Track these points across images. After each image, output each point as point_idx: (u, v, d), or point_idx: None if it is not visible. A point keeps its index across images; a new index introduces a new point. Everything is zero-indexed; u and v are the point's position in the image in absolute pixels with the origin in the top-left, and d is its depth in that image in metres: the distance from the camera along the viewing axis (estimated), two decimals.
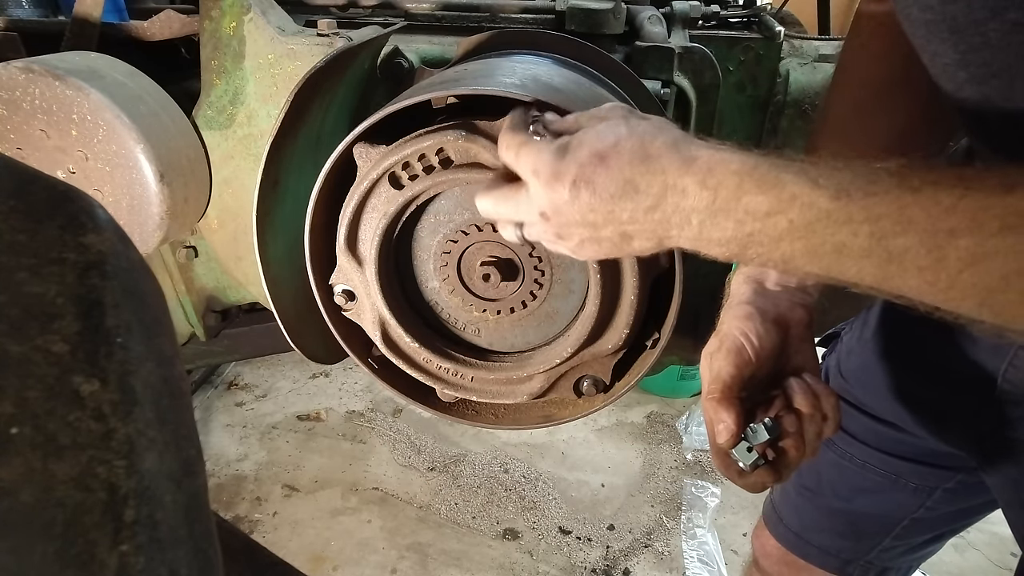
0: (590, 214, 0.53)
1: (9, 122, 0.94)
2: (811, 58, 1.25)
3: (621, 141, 0.52)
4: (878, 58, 0.73)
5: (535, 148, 0.56)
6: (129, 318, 0.32)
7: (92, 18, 1.04)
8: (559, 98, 0.76)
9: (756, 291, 0.74)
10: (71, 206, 0.32)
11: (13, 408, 0.27)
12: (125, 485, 0.29)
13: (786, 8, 1.46)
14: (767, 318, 0.72)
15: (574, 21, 1.14)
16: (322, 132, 0.96)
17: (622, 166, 0.51)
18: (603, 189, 0.52)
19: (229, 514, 2.12)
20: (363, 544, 2.05)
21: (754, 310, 0.72)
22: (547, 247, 0.60)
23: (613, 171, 0.51)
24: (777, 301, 0.74)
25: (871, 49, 0.74)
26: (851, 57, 0.77)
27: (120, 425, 0.30)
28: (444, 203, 0.83)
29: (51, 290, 0.30)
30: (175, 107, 1.06)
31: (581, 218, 0.54)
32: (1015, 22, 0.41)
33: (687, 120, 1.20)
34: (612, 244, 0.56)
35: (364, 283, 0.85)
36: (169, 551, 0.30)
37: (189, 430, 0.35)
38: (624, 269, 0.80)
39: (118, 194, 0.99)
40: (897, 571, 1.08)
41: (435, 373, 0.90)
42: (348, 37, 1.00)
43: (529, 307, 0.86)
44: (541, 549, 2.04)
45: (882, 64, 0.72)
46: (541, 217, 0.56)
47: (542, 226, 0.57)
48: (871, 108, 0.73)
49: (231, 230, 1.16)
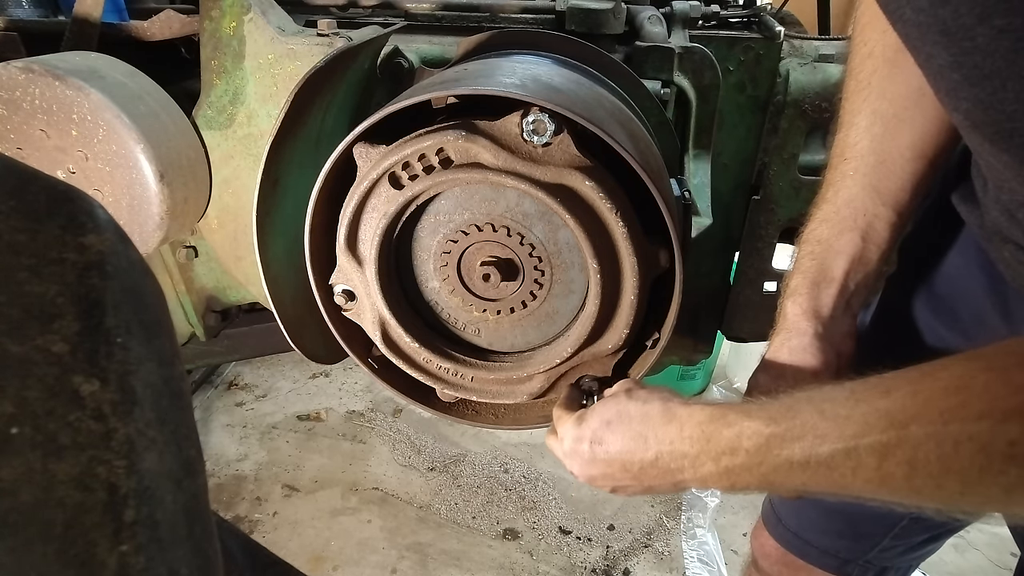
0: (607, 468, 0.67)
1: (9, 122, 0.94)
2: (811, 58, 1.25)
3: (622, 409, 0.67)
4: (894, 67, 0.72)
5: (565, 422, 0.74)
6: (129, 318, 0.32)
7: (92, 18, 1.04)
8: (559, 98, 0.76)
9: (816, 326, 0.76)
10: (71, 206, 0.32)
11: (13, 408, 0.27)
12: (125, 485, 0.29)
13: (786, 8, 1.46)
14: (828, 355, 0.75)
15: (574, 21, 1.14)
16: (322, 132, 0.96)
17: (623, 429, 0.66)
18: (611, 447, 0.66)
19: (229, 514, 2.12)
20: (363, 544, 2.05)
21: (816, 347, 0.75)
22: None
23: (616, 433, 0.66)
24: (832, 333, 0.76)
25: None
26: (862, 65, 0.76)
27: (120, 425, 0.30)
28: (444, 203, 0.83)
29: (51, 290, 0.30)
30: (175, 107, 1.06)
31: (600, 472, 0.68)
32: (1001, 28, 0.42)
33: (687, 120, 1.20)
34: (636, 490, 0.69)
35: (364, 283, 0.85)
36: (169, 551, 0.30)
37: (189, 430, 0.35)
38: (624, 269, 0.80)
39: (118, 194, 0.99)
40: (896, 571, 1.07)
41: (435, 373, 0.90)
42: (348, 37, 1.00)
43: (529, 307, 0.86)
44: (541, 549, 2.04)
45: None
46: (578, 471, 0.71)
47: (582, 477, 0.71)
48: (893, 121, 0.73)
49: (231, 230, 1.16)
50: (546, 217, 0.81)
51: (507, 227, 0.81)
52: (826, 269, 0.76)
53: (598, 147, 0.77)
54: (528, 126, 0.74)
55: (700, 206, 1.15)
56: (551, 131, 0.74)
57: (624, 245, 0.78)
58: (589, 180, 0.76)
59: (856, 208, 0.74)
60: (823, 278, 0.76)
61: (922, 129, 0.72)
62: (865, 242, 0.74)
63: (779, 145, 1.26)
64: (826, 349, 0.75)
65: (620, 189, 0.78)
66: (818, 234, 0.77)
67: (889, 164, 0.73)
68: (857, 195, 0.74)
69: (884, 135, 0.73)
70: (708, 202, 1.17)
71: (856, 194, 0.74)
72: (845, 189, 0.75)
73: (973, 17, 0.43)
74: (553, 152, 0.76)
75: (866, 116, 0.74)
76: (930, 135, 0.72)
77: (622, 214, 0.77)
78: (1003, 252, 0.67)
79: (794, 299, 0.77)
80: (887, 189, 0.73)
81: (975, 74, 0.46)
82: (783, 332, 0.77)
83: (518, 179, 0.75)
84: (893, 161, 0.73)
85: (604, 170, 0.78)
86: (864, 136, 0.74)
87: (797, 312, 0.77)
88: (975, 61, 0.45)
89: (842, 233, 0.75)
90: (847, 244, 0.75)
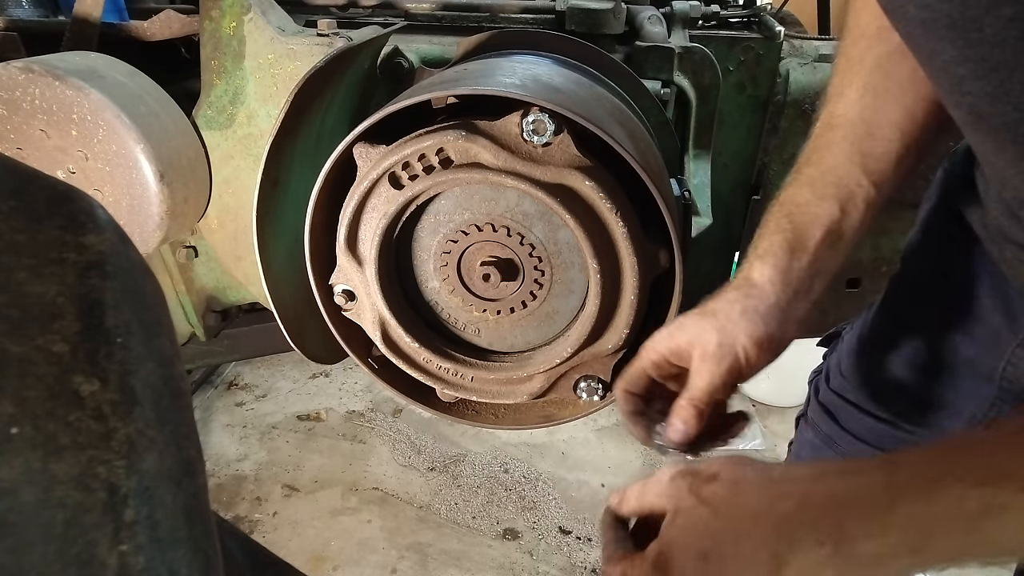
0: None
1: (9, 122, 0.94)
2: (811, 58, 1.25)
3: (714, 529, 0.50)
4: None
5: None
6: (129, 318, 0.32)
7: (92, 18, 1.04)
8: (559, 98, 0.76)
9: (780, 297, 0.70)
10: (71, 206, 0.32)
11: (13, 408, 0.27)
12: (125, 485, 0.29)
13: (786, 8, 1.46)
14: (776, 331, 0.69)
15: (574, 21, 1.14)
16: (322, 132, 0.96)
17: (738, 557, 0.48)
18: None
19: (229, 514, 2.12)
20: (363, 544, 2.04)
21: (772, 317, 0.69)
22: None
23: (729, 564, 0.49)
24: (791, 311, 0.70)
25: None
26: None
27: (120, 425, 0.30)
28: (444, 203, 0.83)
29: (51, 290, 0.29)
30: (175, 107, 1.06)
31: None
32: (1010, 17, 0.42)
33: (687, 120, 1.20)
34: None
35: (364, 283, 0.85)
36: (169, 551, 0.30)
37: (189, 430, 0.35)
38: (624, 269, 0.80)
39: (118, 194, 0.99)
40: None
41: (435, 373, 0.90)
42: (348, 37, 1.00)
43: (529, 307, 0.86)
44: (541, 549, 2.04)
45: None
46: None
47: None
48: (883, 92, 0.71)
49: (231, 230, 1.16)
50: (546, 217, 0.81)
51: (507, 227, 0.81)
52: (802, 236, 0.71)
53: (598, 147, 0.77)
54: (528, 126, 0.74)
55: (700, 206, 1.15)
56: (551, 131, 0.74)
57: (624, 245, 0.78)
58: (589, 180, 0.76)
59: (840, 176, 0.71)
60: (798, 245, 0.71)
61: (912, 109, 0.70)
62: (843, 214, 0.71)
63: (779, 145, 1.26)
64: (779, 325, 0.70)
65: (620, 189, 0.78)
66: (799, 197, 0.73)
67: (878, 137, 0.70)
68: (842, 163, 0.71)
69: (875, 108, 0.71)
70: (708, 202, 1.17)
71: (841, 162, 0.71)
72: (831, 156, 0.72)
73: (980, 8, 0.43)
74: (553, 152, 0.76)
75: (856, 89, 0.72)
76: (919, 117, 0.70)
77: (622, 214, 0.77)
78: (1005, 252, 0.67)
79: (765, 260, 0.71)
80: (873, 161, 0.70)
81: (982, 67, 0.46)
82: (744, 289, 0.71)
83: (518, 179, 0.75)
84: (882, 134, 0.70)
85: (604, 170, 0.78)
86: (854, 107, 0.72)
87: (767, 274, 0.71)
88: (982, 53, 0.45)
89: (823, 199, 0.71)
90: (825, 213, 0.71)
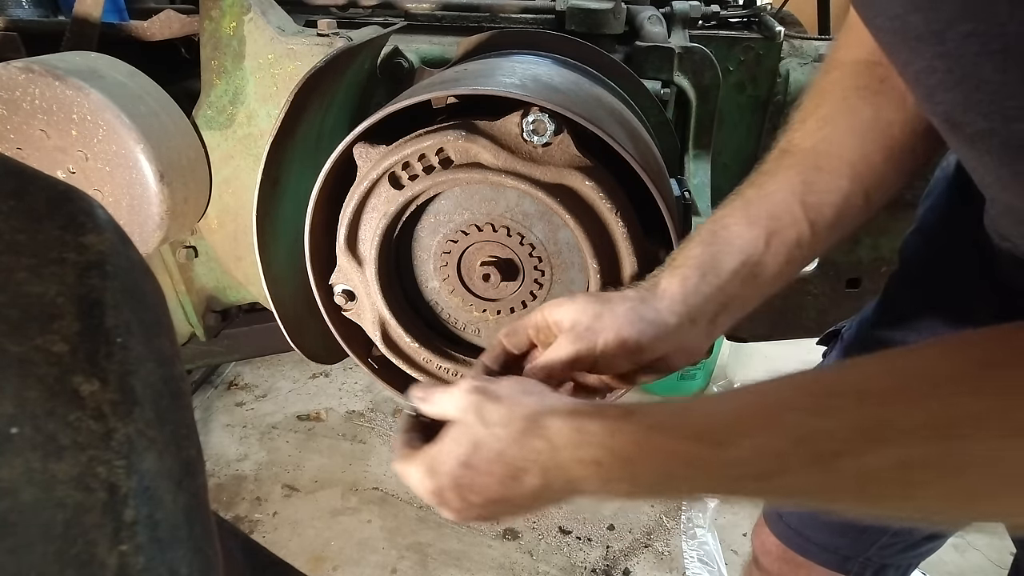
0: (482, 510, 0.57)
1: (9, 122, 0.94)
2: (811, 58, 1.25)
3: (477, 440, 0.55)
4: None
5: (407, 469, 0.60)
6: (129, 318, 0.32)
7: (92, 18, 1.04)
8: (559, 98, 0.76)
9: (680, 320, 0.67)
10: (71, 206, 0.32)
11: (13, 408, 0.27)
12: (125, 485, 0.29)
13: (786, 8, 1.46)
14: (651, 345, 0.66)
15: (574, 21, 1.14)
16: (322, 132, 0.96)
17: (491, 467, 0.54)
18: (486, 488, 0.55)
19: (229, 514, 2.12)
20: (363, 544, 2.04)
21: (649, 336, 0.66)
22: None
23: (484, 472, 0.54)
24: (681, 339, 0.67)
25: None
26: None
27: (120, 425, 0.30)
28: (444, 203, 0.83)
29: (51, 290, 0.30)
30: (175, 107, 1.06)
31: (478, 515, 0.57)
32: (966, 33, 0.42)
33: (687, 120, 1.20)
34: (525, 510, 0.58)
35: (364, 283, 0.85)
36: (169, 551, 0.30)
37: (189, 430, 0.35)
38: (624, 269, 0.80)
39: (118, 194, 0.99)
40: (896, 568, 1.07)
41: (435, 373, 0.90)
42: (348, 37, 1.00)
43: (529, 307, 0.86)
44: (541, 549, 2.04)
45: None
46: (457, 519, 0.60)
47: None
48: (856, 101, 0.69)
49: (231, 230, 1.16)
50: (546, 217, 0.81)
51: (507, 227, 0.81)
52: (717, 260, 0.68)
53: (598, 147, 0.77)
54: (528, 126, 0.74)
55: (700, 206, 1.15)
56: (551, 131, 0.74)
57: (624, 245, 0.78)
58: (589, 180, 0.76)
59: (776, 203, 0.68)
60: (711, 268, 0.67)
61: (870, 152, 0.67)
62: (767, 247, 0.68)
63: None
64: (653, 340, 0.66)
65: (620, 189, 0.78)
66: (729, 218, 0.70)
67: (826, 170, 0.68)
68: (782, 190, 0.68)
69: (831, 141, 0.69)
70: (708, 202, 1.17)
71: (781, 189, 0.69)
72: (774, 182, 0.70)
73: (942, 23, 0.43)
74: (553, 152, 0.76)
75: (817, 120, 0.69)
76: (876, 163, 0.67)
77: (622, 214, 0.77)
78: (1001, 250, 0.67)
79: (675, 273, 0.68)
80: (814, 195, 0.68)
81: (949, 78, 0.46)
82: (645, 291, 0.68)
83: (518, 179, 0.75)
84: (831, 168, 0.68)
85: (604, 170, 0.78)
86: (811, 137, 0.70)
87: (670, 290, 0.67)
88: (948, 65, 0.46)
89: (752, 226, 0.68)
90: (748, 243, 0.68)
